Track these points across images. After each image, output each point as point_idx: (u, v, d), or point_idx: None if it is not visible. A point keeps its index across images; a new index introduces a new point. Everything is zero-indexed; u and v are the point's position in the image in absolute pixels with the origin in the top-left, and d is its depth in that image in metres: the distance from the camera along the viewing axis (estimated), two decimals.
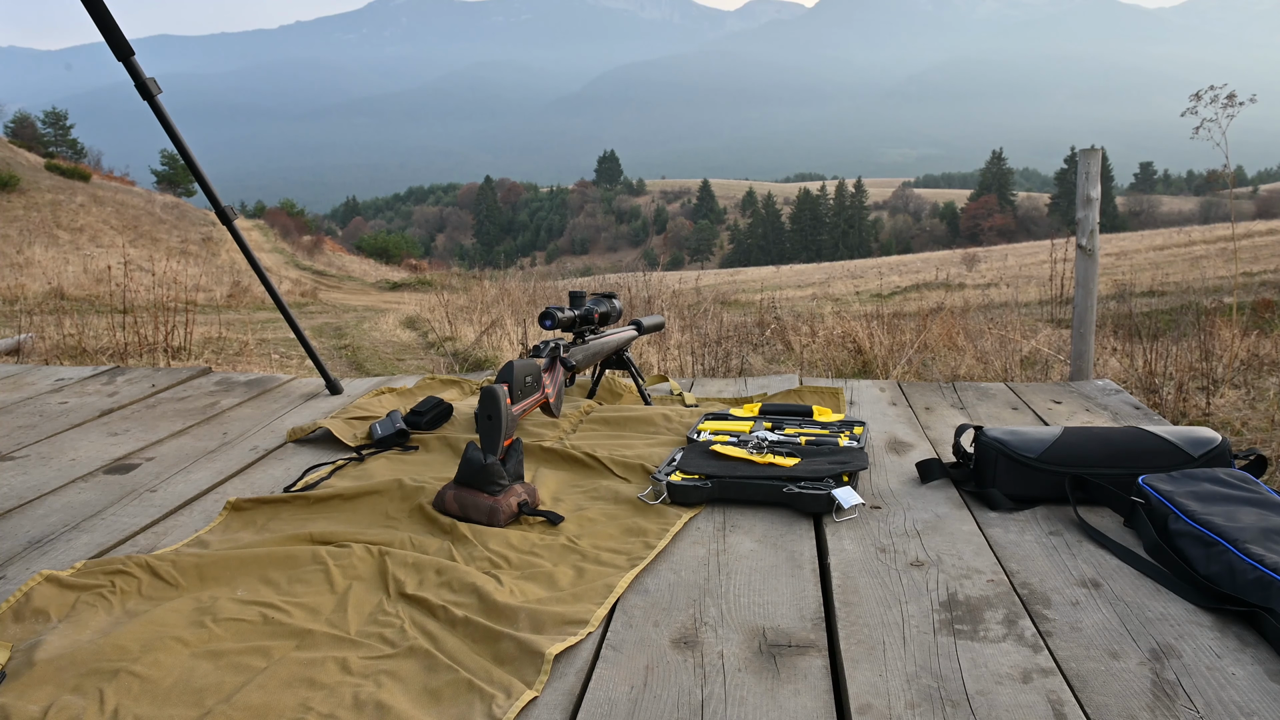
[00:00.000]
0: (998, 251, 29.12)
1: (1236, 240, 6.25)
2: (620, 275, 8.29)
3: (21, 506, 1.78)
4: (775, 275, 21.91)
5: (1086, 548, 1.46)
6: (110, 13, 2.37)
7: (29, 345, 4.94)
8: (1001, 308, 7.41)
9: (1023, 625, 1.20)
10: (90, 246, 18.48)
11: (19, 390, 2.84)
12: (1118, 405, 2.47)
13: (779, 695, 1.05)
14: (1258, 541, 1.27)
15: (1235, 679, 1.07)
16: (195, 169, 2.59)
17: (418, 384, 2.74)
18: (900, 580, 1.34)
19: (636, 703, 1.04)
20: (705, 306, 7.01)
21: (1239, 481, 1.50)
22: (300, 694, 1.04)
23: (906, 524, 1.57)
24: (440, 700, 1.04)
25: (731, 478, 1.67)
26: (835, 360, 4.69)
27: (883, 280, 15.20)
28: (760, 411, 2.22)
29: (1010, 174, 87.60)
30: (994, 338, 4.77)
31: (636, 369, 2.39)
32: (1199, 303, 6.54)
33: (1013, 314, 6.32)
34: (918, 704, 1.02)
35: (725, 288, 14.05)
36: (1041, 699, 1.03)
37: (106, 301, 7.86)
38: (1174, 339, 4.11)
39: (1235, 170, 5.38)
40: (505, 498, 1.59)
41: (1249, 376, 3.67)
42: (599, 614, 1.24)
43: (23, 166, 24.63)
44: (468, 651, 1.14)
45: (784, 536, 1.52)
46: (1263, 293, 7.12)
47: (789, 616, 1.24)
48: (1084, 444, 1.68)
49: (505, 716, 1.00)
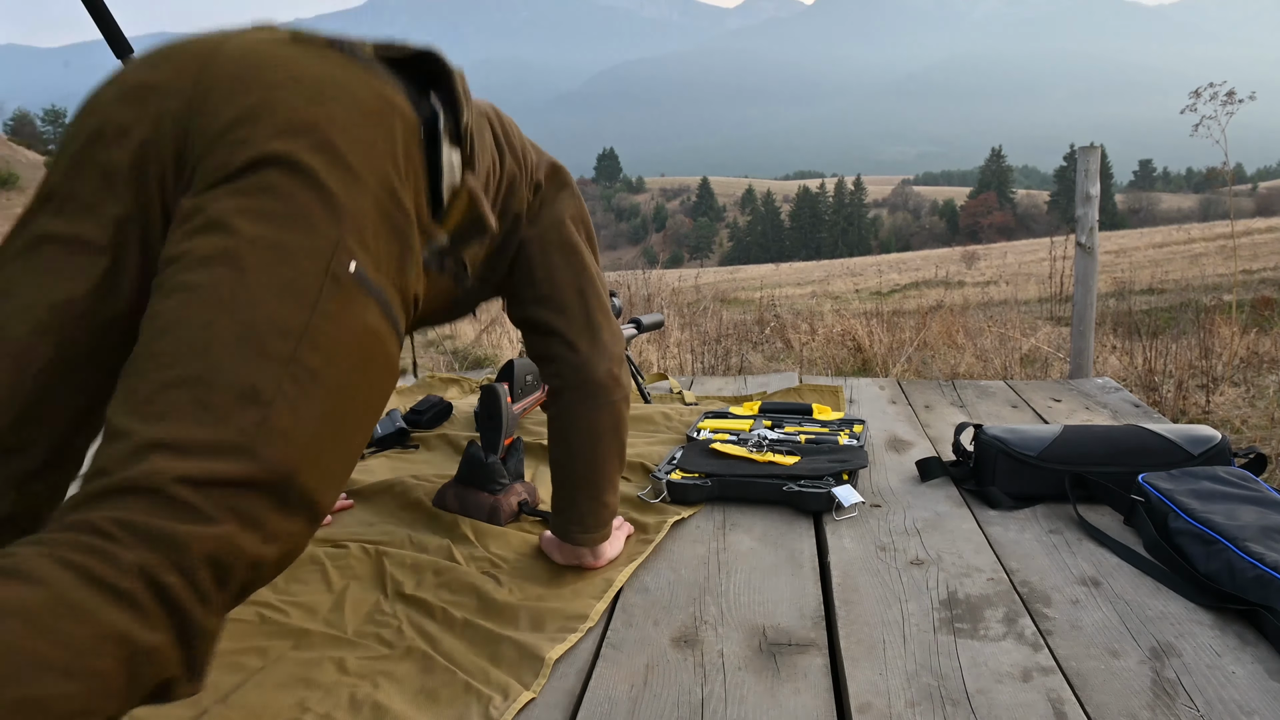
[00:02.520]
0: (997, 249, 29.14)
1: (1236, 238, 6.27)
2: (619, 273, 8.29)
3: None
4: (775, 273, 21.91)
5: (1086, 546, 1.46)
6: (109, 11, 2.36)
7: None
8: (1001, 305, 7.42)
9: (1023, 624, 1.20)
10: None
11: None
12: (1117, 403, 2.47)
13: (779, 694, 1.05)
14: (1258, 540, 1.27)
15: (1235, 677, 1.07)
16: None
17: (417, 382, 2.74)
18: (900, 579, 1.34)
19: (636, 702, 1.04)
20: (705, 304, 7.00)
21: (1239, 480, 1.50)
22: (297, 694, 1.04)
23: (906, 522, 1.57)
24: (437, 701, 1.04)
25: (731, 476, 1.67)
26: (835, 358, 4.69)
27: (882, 278, 15.19)
28: (760, 410, 2.22)
29: (1010, 171, 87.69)
30: (993, 335, 4.77)
31: (636, 367, 2.39)
32: (1198, 300, 6.54)
33: (1012, 312, 6.33)
34: (918, 702, 1.02)
35: (725, 285, 14.05)
36: (1041, 697, 1.03)
37: None
38: (1174, 337, 4.11)
39: (1235, 167, 5.37)
40: (506, 497, 1.59)
41: (1249, 374, 3.67)
42: (599, 608, 1.24)
43: (22, 164, 24.63)
44: (466, 652, 1.14)
45: (784, 535, 1.52)
46: (1262, 290, 7.12)
47: (789, 615, 1.24)
48: (1084, 442, 1.68)
49: (502, 718, 1.00)
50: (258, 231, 0.79)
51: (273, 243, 0.79)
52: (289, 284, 0.79)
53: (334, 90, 0.87)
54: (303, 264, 0.80)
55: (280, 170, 0.81)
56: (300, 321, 0.78)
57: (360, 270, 0.83)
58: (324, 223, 0.82)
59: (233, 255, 0.78)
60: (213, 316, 0.76)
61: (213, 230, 0.79)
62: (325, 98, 0.85)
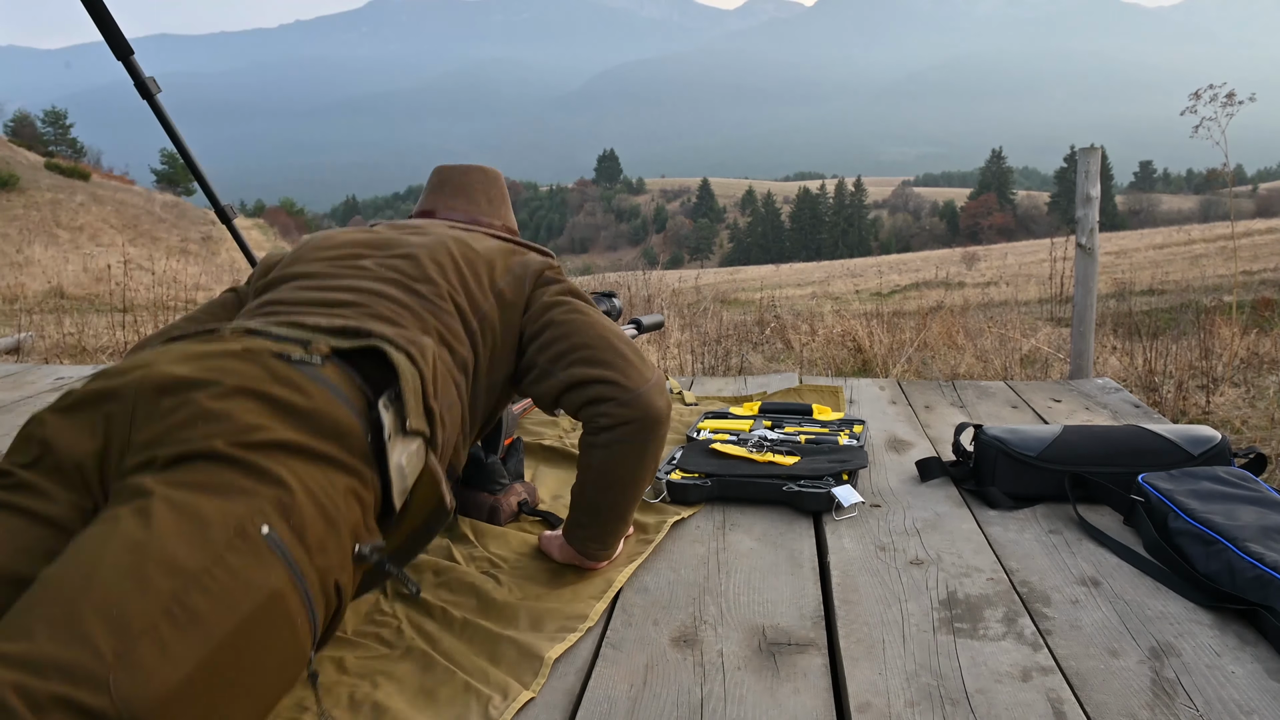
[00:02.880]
0: (997, 250, 29.12)
1: (1236, 239, 6.28)
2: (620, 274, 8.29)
3: None
4: (775, 274, 21.89)
5: (1086, 546, 1.46)
6: (109, 12, 2.36)
7: (29, 344, 4.94)
8: (1001, 306, 7.41)
9: (1022, 623, 1.20)
10: (90, 245, 18.48)
11: (19, 389, 2.84)
12: (1117, 404, 2.47)
13: (779, 693, 1.05)
14: (1257, 540, 1.27)
15: (1235, 677, 1.07)
16: (195, 168, 2.59)
17: None
18: (900, 579, 1.34)
19: (636, 701, 1.04)
20: (705, 305, 7.00)
21: (1239, 480, 1.50)
22: (296, 693, 1.04)
23: (906, 522, 1.57)
24: (436, 701, 1.04)
25: (731, 476, 1.67)
26: (835, 359, 4.69)
27: (882, 279, 15.18)
28: (760, 410, 2.22)
29: (1010, 172, 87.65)
30: (994, 336, 4.77)
31: None
32: (1199, 301, 6.54)
33: (1012, 312, 6.32)
34: (917, 702, 1.02)
35: (725, 286, 14.04)
36: (1041, 697, 1.03)
37: (106, 300, 7.86)
38: (1174, 337, 4.11)
39: (1235, 169, 5.37)
40: (506, 497, 1.59)
41: (1249, 375, 3.67)
42: (598, 608, 1.24)
43: (22, 165, 24.62)
44: (465, 652, 1.14)
45: (784, 535, 1.52)
46: (1262, 291, 7.12)
47: (789, 615, 1.24)
48: (1084, 442, 1.68)
49: (501, 717, 1.00)
50: (175, 494, 0.81)
51: (186, 503, 0.80)
52: (193, 533, 0.78)
53: (273, 415, 0.90)
54: (213, 519, 0.80)
55: (209, 460, 0.84)
56: (196, 565, 0.77)
57: (274, 534, 0.82)
58: (244, 492, 0.83)
59: (146, 510, 0.79)
60: (107, 551, 0.76)
61: (135, 495, 0.81)
62: (261, 428, 0.88)
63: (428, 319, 1.16)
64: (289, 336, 1.02)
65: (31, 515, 0.87)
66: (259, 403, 0.90)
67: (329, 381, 0.96)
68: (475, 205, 1.46)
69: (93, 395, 0.92)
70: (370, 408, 0.99)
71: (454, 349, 1.18)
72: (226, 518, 0.80)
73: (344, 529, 0.91)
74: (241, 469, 0.84)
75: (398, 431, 1.00)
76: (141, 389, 0.91)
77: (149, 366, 0.94)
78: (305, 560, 0.85)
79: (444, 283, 1.21)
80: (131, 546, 0.76)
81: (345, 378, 0.99)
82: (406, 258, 1.23)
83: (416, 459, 1.03)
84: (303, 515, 0.86)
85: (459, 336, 1.19)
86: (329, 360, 1.00)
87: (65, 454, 0.89)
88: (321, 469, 0.90)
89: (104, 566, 0.74)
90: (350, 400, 0.97)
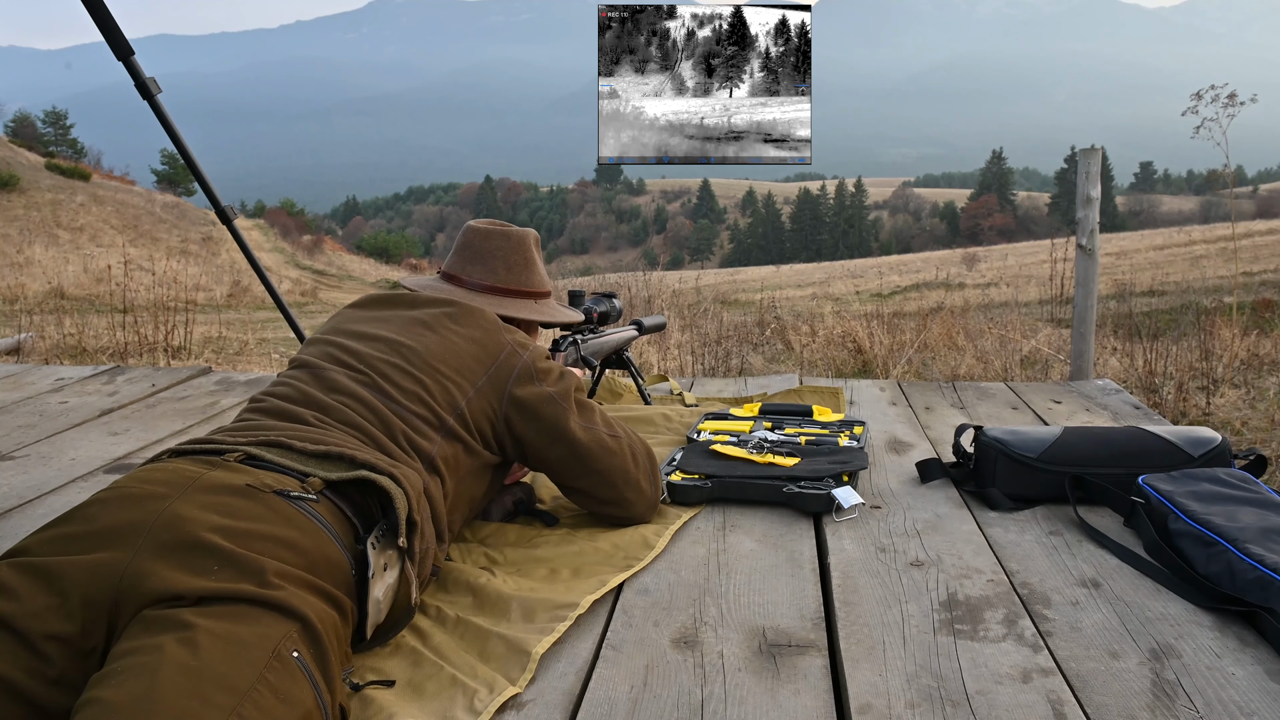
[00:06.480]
0: (998, 251, 29.09)
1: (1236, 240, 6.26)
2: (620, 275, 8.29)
3: (21, 506, 1.78)
4: (775, 275, 21.89)
5: (1086, 547, 1.46)
6: (110, 12, 2.37)
7: (29, 345, 4.95)
8: (1001, 307, 7.41)
9: (1023, 625, 1.20)
10: (90, 246, 18.49)
11: (19, 390, 2.84)
12: (1118, 405, 2.47)
13: (779, 695, 1.05)
14: (1257, 541, 1.27)
15: (1235, 679, 1.07)
16: (195, 168, 2.59)
17: None
18: (900, 580, 1.34)
19: (636, 702, 1.04)
20: (705, 306, 7.01)
21: (1239, 481, 1.50)
22: None
23: (906, 524, 1.57)
24: (423, 694, 1.05)
25: (731, 477, 1.67)
26: (835, 360, 4.69)
27: (883, 280, 15.19)
28: (760, 411, 2.22)
29: (1010, 173, 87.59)
30: (994, 337, 4.77)
31: (636, 368, 2.39)
32: (1199, 302, 6.54)
33: (1013, 314, 6.32)
34: (918, 704, 1.02)
35: (725, 287, 14.04)
36: (1041, 699, 1.03)
37: (106, 301, 7.85)
38: (1174, 339, 4.11)
39: (1235, 170, 5.37)
40: (503, 496, 1.59)
41: (1249, 376, 3.67)
42: (590, 598, 1.25)
43: (23, 166, 24.64)
44: (455, 648, 1.15)
45: (784, 536, 1.52)
46: (1263, 292, 7.12)
47: (789, 616, 1.24)
48: (1084, 444, 1.68)
49: (486, 710, 1.01)
50: (214, 625, 0.87)
51: (226, 631, 0.87)
52: (237, 655, 0.85)
53: (273, 546, 0.97)
54: (252, 644, 0.87)
55: (239, 601, 0.91)
56: (246, 682, 0.84)
57: (302, 659, 0.90)
58: (275, 622, 0.90)
59: (191, 640, 0.84)
60: (162, 675, 0.81)
61: (176, 627, 0.86)
62: (279, 570, 0.96)
63: (405, 428, 1.26)
64: (287, 468, 1.09)
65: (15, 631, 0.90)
66: (274, 545, 0.98)
67: (324, 520, 1.05)
68: (493, 274, 1.57)
69: (106, 531, 0.96)
70: (357, 540, 1.08)
71: (432, 459, 1.27)
72: (264, 642, 0.88)
73: (338, 655, 1.00)
74: (267, 605, 0.92)
75: (381, 570, 1.09)
76: (155, 529, 0.96)
77: (163, 501, 0.99)
78: (324, 684, 0.92)
79: (423, 390, 1.30)
80: (185, 671, 0.82)
81: (336, 514, 1.07)
82: (397, 367, 1.32)
83: (393, 583, 1.12)
84: (321, 643, 0.94)
85: (434, 440, 1.28)
86: (323, 495, 1.07)
87: (77, 592, 0.92)
88: (324, 603, 0.99)
89: (162, 687, 0.80)
90: (341, 538, 1.06)
